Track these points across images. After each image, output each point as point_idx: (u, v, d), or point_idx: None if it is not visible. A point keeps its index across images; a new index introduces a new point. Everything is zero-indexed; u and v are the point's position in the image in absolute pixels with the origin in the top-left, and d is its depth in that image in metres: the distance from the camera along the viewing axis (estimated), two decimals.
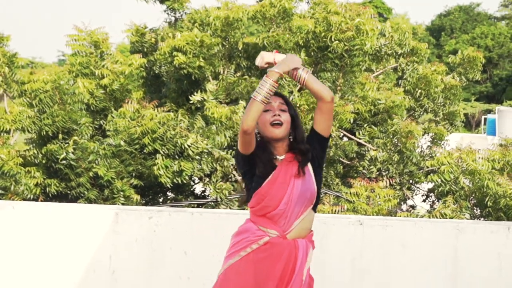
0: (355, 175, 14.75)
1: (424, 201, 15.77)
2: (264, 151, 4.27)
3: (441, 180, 12.63)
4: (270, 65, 4.28)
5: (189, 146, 12.95)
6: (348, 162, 15.60)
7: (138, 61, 15.05)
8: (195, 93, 14.77)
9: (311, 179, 4.31)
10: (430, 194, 15.16)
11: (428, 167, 14.89)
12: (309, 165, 4.34)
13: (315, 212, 4.43)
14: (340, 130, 14.98)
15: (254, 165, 4.28)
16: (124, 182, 12.60)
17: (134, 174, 12.87)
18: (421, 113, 18.19)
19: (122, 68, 14.53)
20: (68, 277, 6.09)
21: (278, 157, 4.31)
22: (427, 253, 6.23)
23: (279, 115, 4.22)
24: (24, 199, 11.51)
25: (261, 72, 16.36)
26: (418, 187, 16.08)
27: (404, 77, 18.08)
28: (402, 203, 15.03)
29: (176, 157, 12.98)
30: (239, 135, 4.20)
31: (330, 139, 15.59)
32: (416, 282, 6.10)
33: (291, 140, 4.33)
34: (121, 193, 12.44)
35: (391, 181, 14.17)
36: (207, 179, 13.58)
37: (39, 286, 6.07)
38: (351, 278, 6.01)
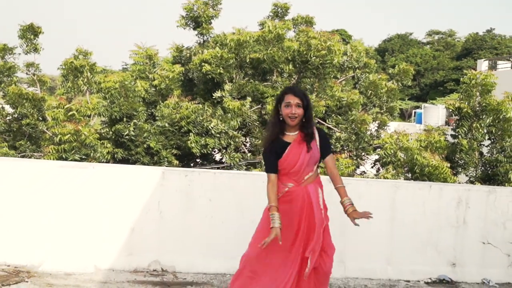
0: None
1: (372, 167, 15.75)
2: (278, 139, 4.50)
3: (384, 154, 12.61)
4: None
5: (212, 127, 12.94)
6: None
7: (178, 69, 14.99)
8: (217, 92, 14.73)
9: (317, 150, 4.52)
10: (377, 163, 15.15)
11: (375, 144, 14.88)
12: (318, 141, 4.55)
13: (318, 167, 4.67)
14: (315, 118, 14.94)
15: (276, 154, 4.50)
16: (168, 151, 12.61)
17: (174, 146, 12.88)
18: (371, 107, 18.13)
19: (167, 74, 14.48)
20: (130, 215, 6.12)
21: (291, 133, 4.52)
22: (374, 202, 6.23)
23: (294, 112, 4.43)
24: (99, 162, 11.54)
25: (262, 78, 16.31)
26: (368, 158, 16.07)
27: (359, 83, 18.00)
28: (357, 169, 15.02)
29: (203, 135, 12.98)
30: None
31: None
32: (367, 222, 6.11)
33: (303, 121, 4.53)
34: (166, 159, 12.46)
35: (350, 154, 14.17)
36: (224, 150, 13.58)
37: (111, 220, 6.10)
38: None
